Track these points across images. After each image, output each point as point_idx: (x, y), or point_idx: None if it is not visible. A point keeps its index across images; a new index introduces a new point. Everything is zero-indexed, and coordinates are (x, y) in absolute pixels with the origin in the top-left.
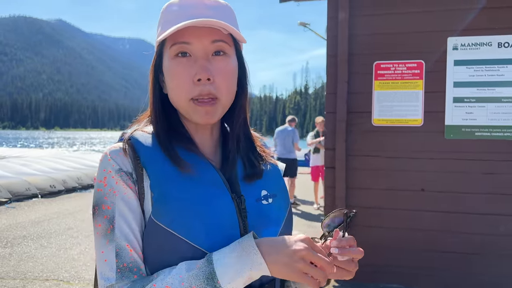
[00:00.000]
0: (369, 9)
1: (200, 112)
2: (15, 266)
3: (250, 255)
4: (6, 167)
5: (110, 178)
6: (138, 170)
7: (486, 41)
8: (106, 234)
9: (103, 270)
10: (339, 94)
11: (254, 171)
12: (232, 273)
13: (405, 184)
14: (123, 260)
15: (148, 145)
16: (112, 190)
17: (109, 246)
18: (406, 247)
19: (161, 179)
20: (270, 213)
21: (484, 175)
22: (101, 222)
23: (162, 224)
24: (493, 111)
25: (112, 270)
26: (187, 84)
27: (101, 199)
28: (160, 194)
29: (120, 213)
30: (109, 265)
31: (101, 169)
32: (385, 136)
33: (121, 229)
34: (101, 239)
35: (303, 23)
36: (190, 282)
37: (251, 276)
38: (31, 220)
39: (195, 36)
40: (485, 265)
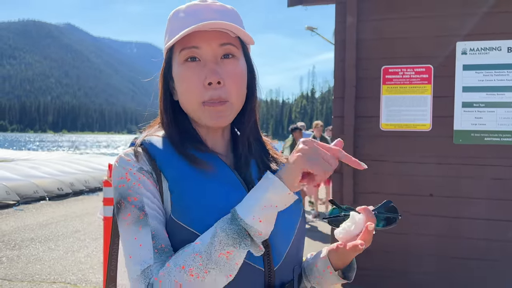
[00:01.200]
0: (377, 13)
1: (211, 114)
2: (23, 269)
3: (262, 181)
4: (15, 170)
5: (132, 174)
6: (157, 172)
7: (495, 45)
8: (138, 220)
9: (137, 255)
10: (346, 98)
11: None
12: (249, 202)
13: (413, 189)
14: (160, 242)
15: (162, 148)
16: (137, 183)
17: (143, 231)
18: (414, 253)
19: (179, 180)
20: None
21: (493, 181)
22: (130, 211)
23: (182, 223)
24: (502, 116)
25: (149, 252)
26: (197, 88)
27: (125, 193)
28: (179, 194)
29: (148, 202)
30: (146, 248)
31: (119, 168)
32: (393, 141)
33: (153, 214)
34: (133, 227)
35: (310, 28)
36: (217, 227)
37: (269, 198)
38: (39, 222)
39: (203, 40)
40: (494, 271)
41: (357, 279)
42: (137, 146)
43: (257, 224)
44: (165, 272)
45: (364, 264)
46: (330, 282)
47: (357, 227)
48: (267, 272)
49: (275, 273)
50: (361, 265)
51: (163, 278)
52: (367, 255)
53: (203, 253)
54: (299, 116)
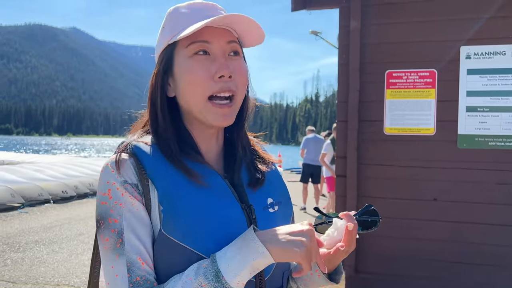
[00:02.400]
0: (381, 18)
1: (217, 114)
2: (27, 271)
3: (250, 245)
4: (20, 173)
5: (114, 190)
6: (144, 182)
7: (499, 50)
8: (115, 248)
9: (115, 284)
10: (350, 102)
11: (259, 177)
12: (235, 266)
13: (417, 193)
14: (135, 274)
15: (152, 156)
16: (118, 202)
17: (119, 261)
18: (418, 257)
19: (170, 191)
20: (277, 221)
21: (497, 185)
22: (108, 236)
23: (173, 238)
24: (507, 120)
25: (125, 284)
26: (205, 81)
27: (106, 212)
28: (169, 207)
29: (129, 225)
30: (121, 279)
31: (103, 181)
32: (397, 145)
33: (131, 242)
34: (110, 254)
35: (314, 32)
36: (200, 282)
37: (255, 265)
38: (43, 225)
39: (213, 36)
40: (497, 276)
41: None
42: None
43: (235, 285)
44: None
45: (368, 268)
46: (317, 285)
47: (339, 233)
48: (258, 283)
49: (266, 283)
50: (365, 270)
51: None
52: (371, 260)
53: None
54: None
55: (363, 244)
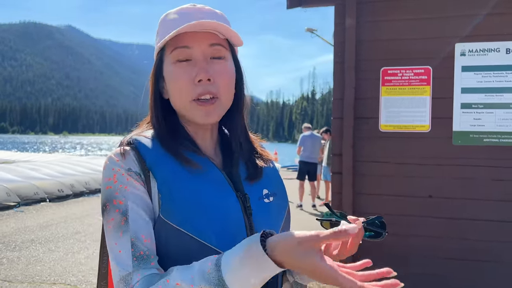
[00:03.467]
0: (376, 15)
1: (201, 112)
2: (23, 270)
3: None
4: (15, 171)
5: (120, 175)
6: (145, 172)
7: (494, 47)
8: (119, 226)
9: (118, 260)
10: (346, 100)
11: (256, 172)
12: (243, 278)
13: (412, 190)
14: (139, 249)
15: (151, 148)
16: (123, 185)
17: (123, 238)
18: (414, 254)
19: (168, 180)
20: (271, 211)
21: (492, 182)
22: (113, 216)
23: (171, 223)
24: (501, 117)
25: (128, 259)
26: (188, 86)
27: (112, 195)
28: (168, 194)
29: (133, 206)
30: (125, 254)
31: (108, 169)
32: (392, 142)
33: (135, 220)
34: (114, 232)
35: (310, 29)
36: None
37: (264, 278)
38: (39, 224)
39: (194, 40)
40: (493, 272)
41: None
42: (125, 145)
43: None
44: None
45: None
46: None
47: None
48: None
49: None
50: None
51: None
52: (367, 256)
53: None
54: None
55: None
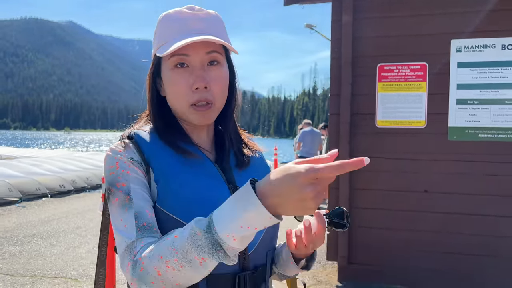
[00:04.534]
0: (373, 11)
1: (198, 115)
2: (24, 264)
3: (246, 197)
4: (17, 167)
5: (122, 162)
6: (145, 164)
7: (489, 43)
8: (124, 204)
9: (123, 233)
10: (343, 96)
11: (243, 160)
12: (228, 218)
13: (408, 185)
14: (142, 220)
15: (150, 142)
16: (126, 170)
17: (128, 213)
18: (409, 248)
19: (164, 171)
20: None
21: (487, 177)
22: (117, 196)
23: (166, 211)
24: (496, 113)
25: (133, 230)
26: (186, 92)
27: (114, 179)
28: (164, 184)
29: (135, 187)
30: (129, 227)
31: (111, 158)
32: (389, 137)
33: (138, 198)
34: (119, 209)
35: (309, 25)
36: (194, 230)
37: (250, 221)
38: (41, 219)
39: (192, 49)
40: (488, 266)
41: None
42: (125, 139)
43: (231, 241)
44: (147, 256)
45: (360, 259)
46: (292, 270)
47: None
48: (242, 256)
49: (249, 257)
50: (357, 260)
51: (145, 261)
52: (363, 251)
53: (179, 250)
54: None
55: (355, 235)
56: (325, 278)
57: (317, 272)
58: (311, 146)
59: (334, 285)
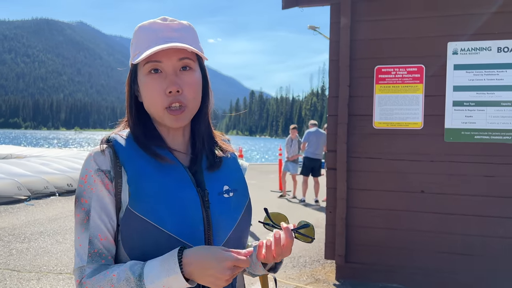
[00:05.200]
0: (370, 15)
1: (171, 118)
2: (31, 260)
3: (171, 261)
4: (27, 166)
5: (90, 176)
6: (117, 168)
7: (485, 45)
8: (82, 223)
9: (78, 252)
10: (341, 97)
11: (215, 162)
12: (154, 275)
13: (405, 186)
14: (94, 247)
15: (125, 146)
16: (90, 187)
17: (84, 234)
18: (406, 248)
19: (136, 174)
20: (230, 205)
21: (483, 178)
22: (79, 212)
23: (136, 212)
24: (492, 114)
25: (84, 254)
26: (160, 96)
27: (81, 193)
28: (135, 187)
29: (95, 207)
30: (83, 249)
31: (84, 167)
32: (386, 138)
33: (95, 220)
34: (79, 227)
35: (312, 27)
36: (129, 275)
37: (169, 281)
38: (48, 217)
39: (165, 56)
40: (483, 266)
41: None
42: (103, 144)
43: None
44: (90, 283)
45: (358, 258)
46: (260, 272)
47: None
48: None
49: None
50: (354, 259)
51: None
52: (360, 250)
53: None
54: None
55: (352, 235)
56: (323, 277)
57: (316, 270)
58: (316, 146)
59: (332, 283)
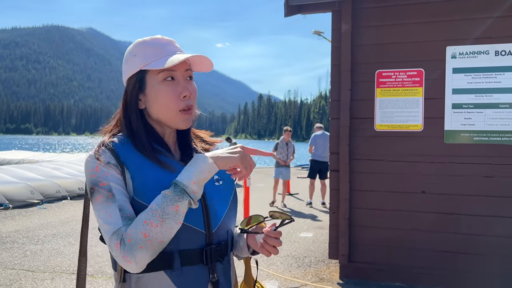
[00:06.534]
0: (371, 20)
1: (184, 119)
2: (45, 261)
3: (197, 157)
4: (39, 171)
5: (101, 166)
6: (121, 166)
7: (483, 49)
8: (107, 199)
9: (109, 222)
10: (342, 101)
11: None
12: (186, 173)
13: (406, 186)
14: (125, 212)
15: (123, 147)
16: (105, 173)
17: (112, 206)
18: (408, 247)
19: (139, 169)
20: (220, 191)
21: (482, 178)
22: (101, 194)
23: (142, 201)
24: (490, 116)
25: (118, 219)
26: (175, 100)
27: (96, 180)
28: (140, 180)
29: (115, 186)
30: (115, 217)
31: (91, 163)
32: (387, 141)
33: (119, 194)
34: (104, 204)
35: (317, 32)
36: (163, 193)
37: (199, 167)
38: (61, 220)
39: (177, 66)
40: (483, 264)
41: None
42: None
43: (191, 184)
44: (132, 229)
45: (361, 258)
46: (245, 255)
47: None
48: (207, 234)
49: (214, 234)
50: (357, 259)
51: (131, 233)
52: (363, 249)
53: (159, 209)
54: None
55: (355, 235)
56: (328, 276)
57: (320, 270)
58: (323, 149)
59: (336, 282)
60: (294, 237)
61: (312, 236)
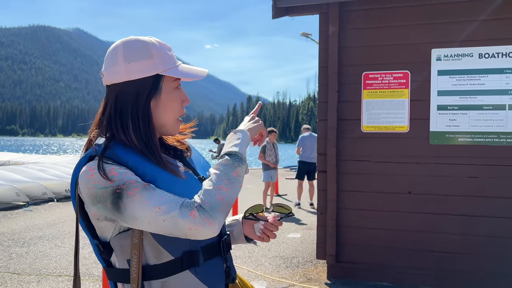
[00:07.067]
0: (358, 23)
1: (178, 126)
2: (31, 264)
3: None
4: (25, 173)
5: (117, 168)
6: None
7: (467, 52)
8: (146, 188)
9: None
10: (330, 102)
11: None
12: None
13: (392, 187)
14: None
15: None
16: (125, 173)
17: (157, 190)
18: (395, 247)
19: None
20: None
21: (467, 179)
22: (135, 187)
23: None
24: (474, 118)
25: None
26: (179, 107)
27: (123, 179)
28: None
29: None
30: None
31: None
32: (374, 142)
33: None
34: (146, 193)
35: (305, 34)
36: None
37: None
38: (47, 222)
39: None
40: (469, 264)
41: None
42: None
43: (244, 152)
44: (204, 196)
45: (348, 258)
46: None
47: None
48: None
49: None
50: (345, 259)
51: (207, 199)
52: (351, 250)
53: (223, 175)
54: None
55: (342, 235)
56: (315, 276)
57: (308, 270)
58: (311, 150)
59: (324, 282)
60: (283, 237)
61: (300, 237)
